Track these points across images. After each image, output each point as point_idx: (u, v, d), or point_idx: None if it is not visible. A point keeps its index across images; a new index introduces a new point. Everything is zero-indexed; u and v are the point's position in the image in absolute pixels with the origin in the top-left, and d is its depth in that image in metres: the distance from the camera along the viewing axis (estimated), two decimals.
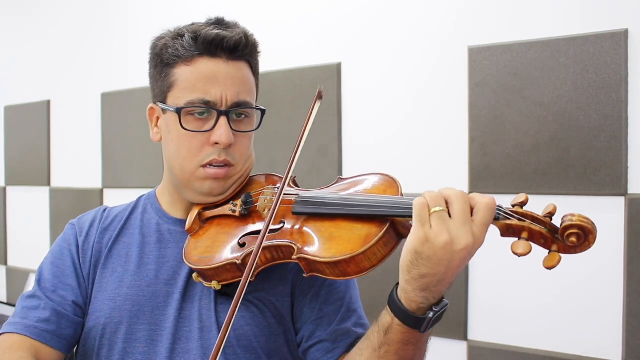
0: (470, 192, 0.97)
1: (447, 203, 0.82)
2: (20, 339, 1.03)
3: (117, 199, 2.61)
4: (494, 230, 0.84)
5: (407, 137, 1.90)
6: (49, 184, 2.96)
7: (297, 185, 1.11)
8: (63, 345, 1.06)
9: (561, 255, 0.80)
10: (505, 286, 1.73)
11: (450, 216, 0.80)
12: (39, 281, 1.11)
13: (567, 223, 0.79)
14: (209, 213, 1.10)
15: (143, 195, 1.23)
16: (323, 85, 2.05)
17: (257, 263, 0.98)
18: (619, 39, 1.55)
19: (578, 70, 1.60)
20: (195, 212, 1.10)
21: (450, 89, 1.81)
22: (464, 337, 1.79)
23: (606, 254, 1.58)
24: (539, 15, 1.67)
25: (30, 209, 3.05)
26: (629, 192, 1.55)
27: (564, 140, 1.62)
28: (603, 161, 1.57)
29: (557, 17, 1.65)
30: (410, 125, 1.90)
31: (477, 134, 1.75)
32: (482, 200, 0.80)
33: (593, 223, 0.78)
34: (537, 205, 0.86)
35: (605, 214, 1.57)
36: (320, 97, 1.00)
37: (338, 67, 2.03)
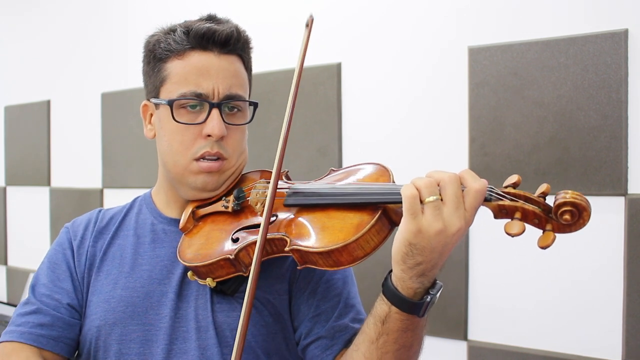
0: None
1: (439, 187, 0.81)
2: (19, 346, 1.03)
3: (117, 199, 2.61)
4: (492, 229, 0.83)
5: (407, 137, 1.90)
6: (49, 184, 2.96)
7: (289, 179, 1.11)
8: (62, 348, 1.06)
9: (556, 234, 0.78)
10: (505, 286, 1.73)
11: (441, 200, 0.79)
12: (33, 287, 1.11)
13: (560, 200, 0.77)
14: (203, 211, 1.10)
15: (139, 197, 1.23)
16: (323, 85, 2.06)
17: (251, 256, 0.98)
18: (619, 39, 1.55)
19: (578, 70, 1.60)
20: (189, 210, 1.10)
21: (450, 89, 1.81)
22: (464, 337, 1.79)
23: (606, 254, 1.58)
24: (539, 15, 1.67)
25: (30, 209, 3.05)
26: (629, 192, 1.55)
27: (564, 140, 1.62)
28: (603, 161, 1.57)
29: (557, 17, 1.65)
30: (410, 125, 1.90)
31: (477, 134, 1.75)
32: (472, 185, 0.79)
33: (587, 200, 0.77)
34: None
35: (605, 214, 1.57)
36: (308, 25, 0.98)
37: (338, 67, 2.03)
